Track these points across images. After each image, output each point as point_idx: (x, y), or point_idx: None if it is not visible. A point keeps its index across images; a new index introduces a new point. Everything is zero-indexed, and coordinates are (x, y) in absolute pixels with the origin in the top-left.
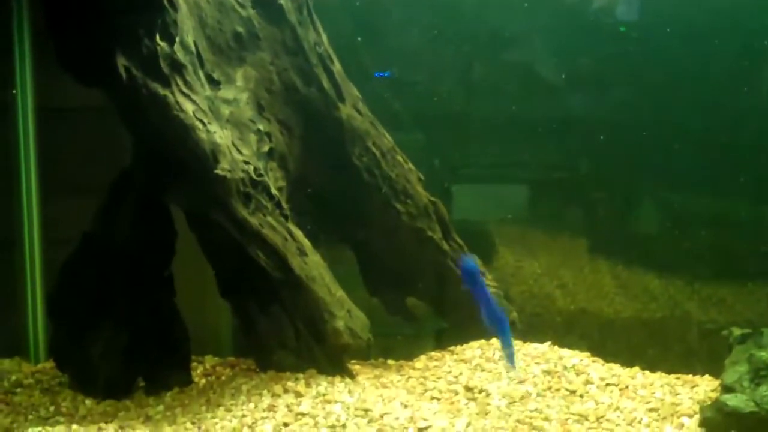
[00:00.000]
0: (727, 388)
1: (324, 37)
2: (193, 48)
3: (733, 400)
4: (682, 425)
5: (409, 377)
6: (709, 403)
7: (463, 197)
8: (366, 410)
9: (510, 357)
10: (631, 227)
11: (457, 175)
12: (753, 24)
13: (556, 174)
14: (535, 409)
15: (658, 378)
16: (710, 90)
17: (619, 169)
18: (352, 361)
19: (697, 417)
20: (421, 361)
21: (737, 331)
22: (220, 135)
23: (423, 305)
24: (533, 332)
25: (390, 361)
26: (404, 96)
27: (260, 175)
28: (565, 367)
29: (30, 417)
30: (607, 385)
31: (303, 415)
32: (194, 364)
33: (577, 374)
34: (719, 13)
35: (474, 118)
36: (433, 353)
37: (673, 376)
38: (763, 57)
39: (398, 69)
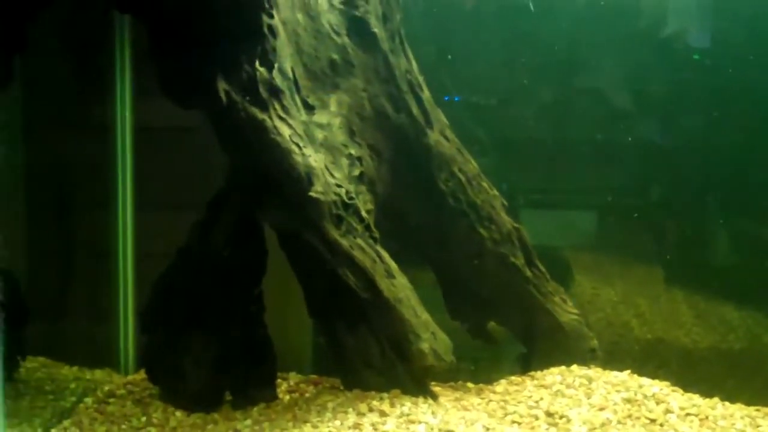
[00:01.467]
0: None
1: (414, 65)
2: (290, 74)
3: None
4: None
5: (490, 401)
6: None
7: (535, 223)
8: (449, 431)
9: None
10: (707, 256)
11: (528, 201)
12: None
13: (629, 200)
14: None
15: (738, 409)
16: None
17: (693, 197)
18: (432, 383)
19: None
20: (501, 385)
21: None
22: (315, 158)
23: (503, 330)
24: (612, 360)
25: (469, 384)
26: (476, 120)
27: (351, 198)
28: (645, 396)
29: (123, 427)
30: (687, 414)
31: None
32: (279, 380)
33: (657, 403)
34: None
35: (546, 144)
36: (513, 378)
37: (753, 408)
38: None
39: (470, 93)
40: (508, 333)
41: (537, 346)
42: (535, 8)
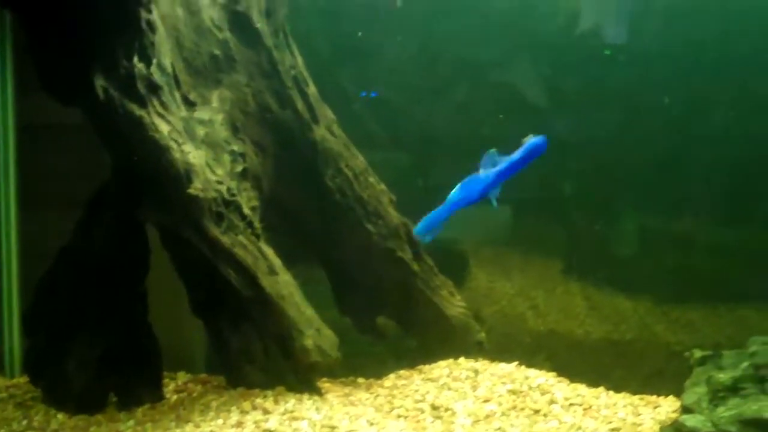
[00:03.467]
0: (686, 409)
1: (299, 60)
2: (170, 69)
3: (691, 421)
4: None
5: (378, 395)
6: (669, 423)
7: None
8: (332, 427)
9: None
10: (605, 249)
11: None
12: (742, 48)
13: (535, 195)
14: (499, 428)
15: (622, 398)
16: (686, 116)
17: (595, 192)
18: (323, 379)
19: None
20: (390, 380)
21: (698, 353)
22: (194, 155)
23: (393, 324)
24: (502, 352)
25: (360, 380)
26: (388, 116)
27: (233, 195)
28: (531, 387)
29: (2, 431)
30: (571, 404)
31: (270, 431)
32: (167, 380)
33: (542, 394)
34: (705, 37)
35: (458, 139)
36: (402, 372)
37: (637, 396)
38: (747, 78)
39: (383, 90)
40: (398, 327)
41: (425, 339)
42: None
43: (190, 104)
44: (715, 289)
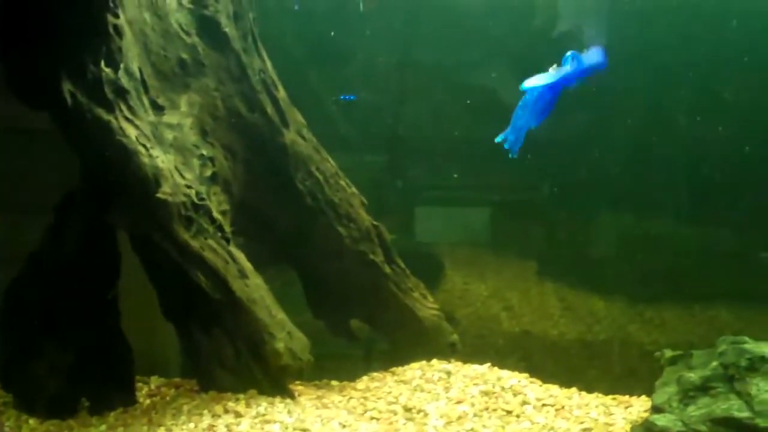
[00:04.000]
0: (656, 409)
1: (269, 64)
2: (137, 74)
3: (662, 420)
4: None
5: (351, 398)
6: (640, 423)
7: (420, 219)
8: (304, 430)
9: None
10: (579, 250)
11: (420, 198)
12: (720, 49)
13: (511, 197)
14: (471, 429)
15: (595, 398)
16: (660, 118)
17: (570, 193)
18: (296, 382)
19: None
20: (363, 382)
21: (668, 353)
22: (163, 159)
23: (366, 327)
24: (476, 354)
25: (333, 382)
26: (367, 119)
27: (202, 199)
28: (503, 388)
29: None
30: (544, 405)
31: None
32: (140, 384)
33: (515, 395)
34: (684, 41)
35: (435, 141)
36: (375, 374)
37: (609, 396)
38: (723, 77)
39: (362, 93)
40: (371, 330)
41: (397, 341)
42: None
43: (158, 109)
44: (689, 289)
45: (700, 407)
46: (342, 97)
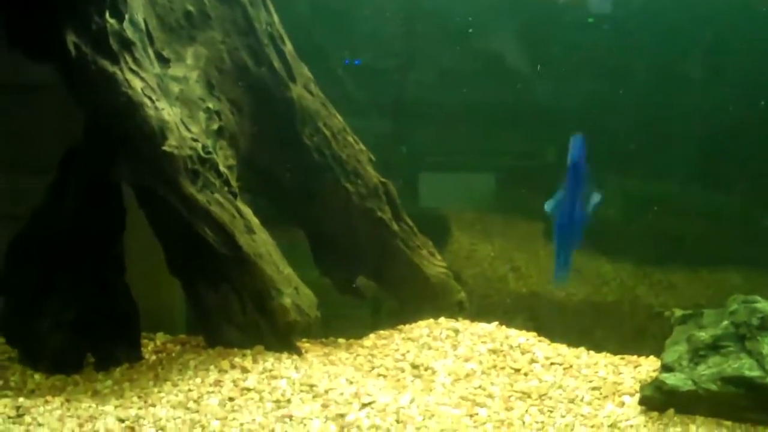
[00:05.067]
0: (666, 368)
1: (276, 18)
2: (142, 26)
3: (671, 379)
4: (622, 403)
5: (358, 355)
6: (649, 382)
7: (427, 184)
8: (311, 386)
9: (560, 270)
10: (587, 212)
11: (423, 163)
12: (726, 19)
13: (520, 162)
14: (479, 387)
15: (603, 358)
16: (669, 79)
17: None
18: (303, 340)
19: (637, 396)
20: (369, 340)
21: (678, 312)
22: (169, 112)
23: (373, 285)
24: (483, 314)
25: (340, 340)
26: (373, 83)
27: (208, 153)
28: (511, 346)
29: None
30: (552, 364)
31: (249, 390)
32: (145, 341)
33: (523, 353)
34: (689, 6)
35: (442, 106)
36: (381, 332)
37: (618, 356)
38: (730, 50)
39: (368, 57)
40: (378, 288)
41: (405, 299)
42: None
43: (163, 61)
44: (697, 252)
45: (710, 366)
46: (347, 62)
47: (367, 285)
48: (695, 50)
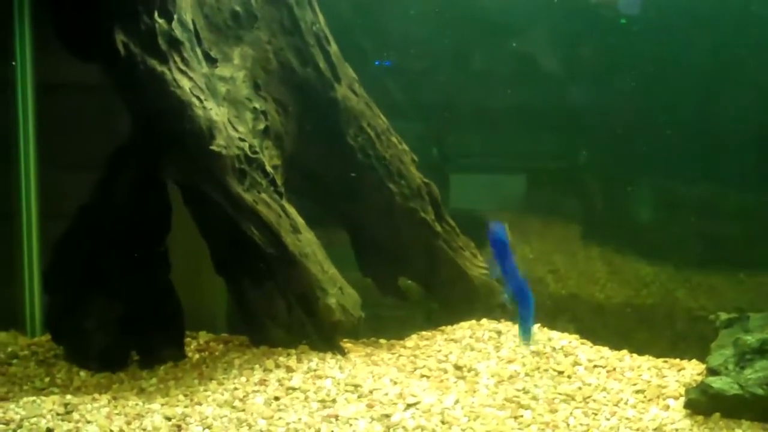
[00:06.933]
0: (712, 371)
1: (321, 18)
2: (191, 26)
3: (717, 383)
4: (667, 407)
5: (400, 356)
6: (694, 385)
7: (461, 186)
8: (356, 386)
9: (526, 333)
10: (625, 215)
11: (456, 165)
12: (757, 17)
13: (555, 163)
14: (523, 389)
15: (646, 361)
16: (706, 81)
17: (615, 159)
18: (344, 340)
19: (682, 399)
20: (412, 340)
21: (724, 316)
22: (217, 112)
23: (415, 285)
24: None
25: (382, 340)
26: (405, 85)
27: (255, 153)
28: (554, 349)
29: (25, 387)
30: (595, 366)
31: (294, 389)
32: (188, 339)
33: (566, 355)
34: (721, 7)
35: (475, 108)
36: (424, 333)
37: (660, 359)
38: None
39: (399, 58)
40: (420, 288)
41: (447, 300)
42: None
43: (211, 61)
44: (738, 255)
45: (757, 370)
46: (377, 63)
47: (409, 286)
48: (732, 46)
